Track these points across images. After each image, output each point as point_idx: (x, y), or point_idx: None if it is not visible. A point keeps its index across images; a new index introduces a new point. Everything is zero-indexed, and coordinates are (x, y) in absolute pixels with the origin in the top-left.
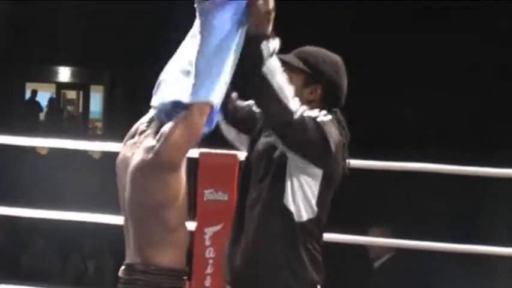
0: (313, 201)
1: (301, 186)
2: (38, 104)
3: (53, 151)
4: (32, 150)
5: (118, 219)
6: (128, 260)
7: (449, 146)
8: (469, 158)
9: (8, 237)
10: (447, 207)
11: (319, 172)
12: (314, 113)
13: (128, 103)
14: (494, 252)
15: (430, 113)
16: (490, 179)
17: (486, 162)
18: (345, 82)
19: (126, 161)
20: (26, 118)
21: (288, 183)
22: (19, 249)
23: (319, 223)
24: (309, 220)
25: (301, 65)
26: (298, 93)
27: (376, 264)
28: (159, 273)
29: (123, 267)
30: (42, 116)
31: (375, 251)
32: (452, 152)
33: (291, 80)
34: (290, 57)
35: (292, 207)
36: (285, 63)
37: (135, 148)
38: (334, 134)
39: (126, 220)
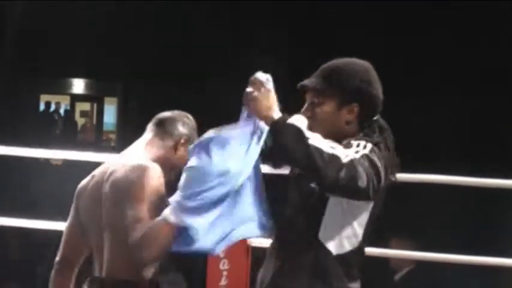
0: (360, 232)
1: (345, 218)
2: (51, 115)
3: (67, 163)
4: (47, 162)
5: None
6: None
7: (469, 158)
8: (489, 170)
9: (23, 250)
10: (468, 218)
11: (369, 205)
12: (353, 152)
13: (141, 115)
14: None
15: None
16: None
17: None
18: (379, 88)
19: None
20: (41, 130)
21: (327, 216)
22: (34, 262)
23: (362, 252)
24: (351, 251)
25: (330, 88)
26: (335, 118)
27: (397, 276)
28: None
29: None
30: (57, 128)
31: (395, 262)
32: (471, 164)
33: (324, 107)
34: (315, 81)
35: (329, 241)
36: (313, 90)
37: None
38: (379, 163)
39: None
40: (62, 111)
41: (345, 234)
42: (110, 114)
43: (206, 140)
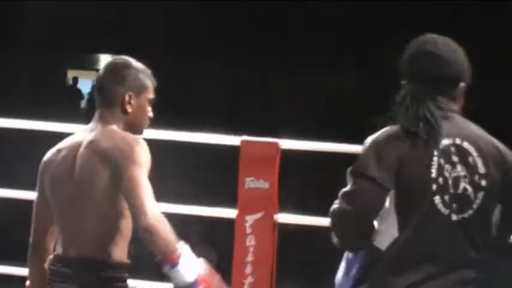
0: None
1: None
2: (78, 91)
3: None
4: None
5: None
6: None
7: None
8: None
9: None
10: None
11: None
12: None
13: (169, 93)
14: None
15: None
16: None
17: None
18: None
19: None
20: (67, 105)
21: None
22: None
23: None
24: None
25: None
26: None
27: None
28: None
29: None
30: (83, 103)
31: None
32: None
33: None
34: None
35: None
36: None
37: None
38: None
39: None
40: (89, 87)
41: None
42: None
43: None
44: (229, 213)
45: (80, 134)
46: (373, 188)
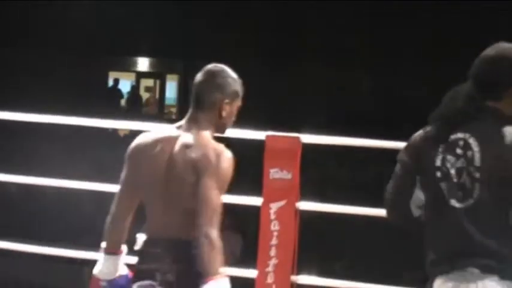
0: None
1: None
2: (119, 91)
3: (132, 133)
4: (113, 132)
5: None
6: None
7: None
8: None
9: (96, 209)
10: None
11: None
12: None
13: None
14: None
15: None
16: None
17: None
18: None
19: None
20: (108, 103)
21: None
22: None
23: None
24: None
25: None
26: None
27: None
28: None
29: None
30: (123, 101)
31: None
32: None
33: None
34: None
35: None
36: None
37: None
38: None
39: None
40: (128, 87)
41: None
42: (172, 90)
43: None
44: (256, 201)
45: (174, 130)
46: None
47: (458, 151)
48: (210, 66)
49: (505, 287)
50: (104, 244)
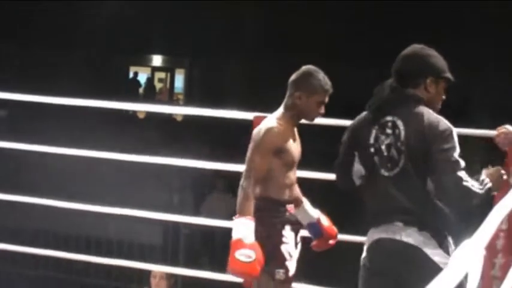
0: None
1: None
2: (137, 81)
3: (148, 115)
4: (133, 114)
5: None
6: None
7: None
8: None
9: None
10: None
11: None
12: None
13: (202, 82)
14: None
15: None
16: None
17: None
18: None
19: None
20: (128, 92)
21: None
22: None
23: None
24: None
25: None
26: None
27: None
28: None
29: None
30: (141, 90)
31: None
32: None
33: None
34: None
35: None
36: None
37: None
38: None
39: None
40: (145, 78)
41: None
42: (179, 81)
43: None
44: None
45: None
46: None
47: (388, 131)
48: (305, 67)
49: (422, 235)
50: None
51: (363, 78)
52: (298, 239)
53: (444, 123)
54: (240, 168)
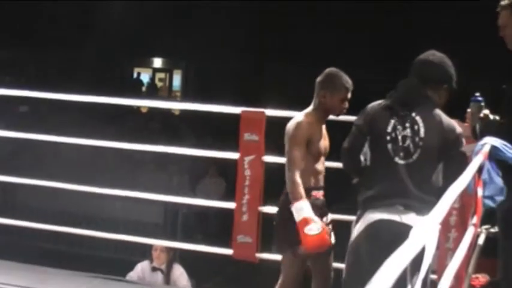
0: None
1: None
2: (141, 81)
3: (150, 110)
4: (137, 109)
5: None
6: None
7: None
8: None
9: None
10: None
11: None
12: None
13: (196, 81)
14: None
15: None
16: None
17: None
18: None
19: None
20: (133, 90)
21: None
22: None
23: None
24: None
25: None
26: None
27: None
28: None
29: None
30: (144, 88)
31: None
32: None
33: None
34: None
35: None
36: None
37: None
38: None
39: None
40: (147, 78)
41: None
42: (177, 80)
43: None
44: (234, 155)
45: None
46: (357, 132)
47: (407, 124)
48: (330, 69)
49: (420, 219)
50: (297, 198)
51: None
52: (326, 220)
53: (458, 127)
54: (229, 155)
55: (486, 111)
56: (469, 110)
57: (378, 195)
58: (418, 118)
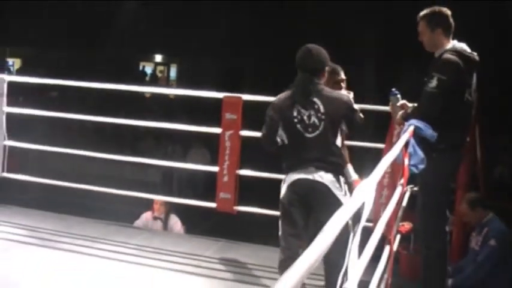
0: None
1: None
2: (145, 72)
3: (152, 95)
4: (142, 94)
5: (177, 126)
6: None
7: None
8: None
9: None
10: None
11: None
12: None
13: (189, 73)
14: None
15: None
16: None
17: None
18: None
19: None
20: (139, 80)
21: None
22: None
23: None
24: None
25: None
26: None
27: None
28: None
29: None
30: (147, 78)
31: None
32: None
33: None
34: None
35: None
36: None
37: None
38: None
39: None
40: (150, 70)
41: None
42: (173, 72)
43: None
44: (217, 130)
45: None
46: (271, 121)
47: (308, 107)
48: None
49: (328, 177)
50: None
51: None
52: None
53: (344, 95)
54: (213, 130)
55: (403, 101)
56: (390, 102)
57: (296, 162)
58: (315, 99)
